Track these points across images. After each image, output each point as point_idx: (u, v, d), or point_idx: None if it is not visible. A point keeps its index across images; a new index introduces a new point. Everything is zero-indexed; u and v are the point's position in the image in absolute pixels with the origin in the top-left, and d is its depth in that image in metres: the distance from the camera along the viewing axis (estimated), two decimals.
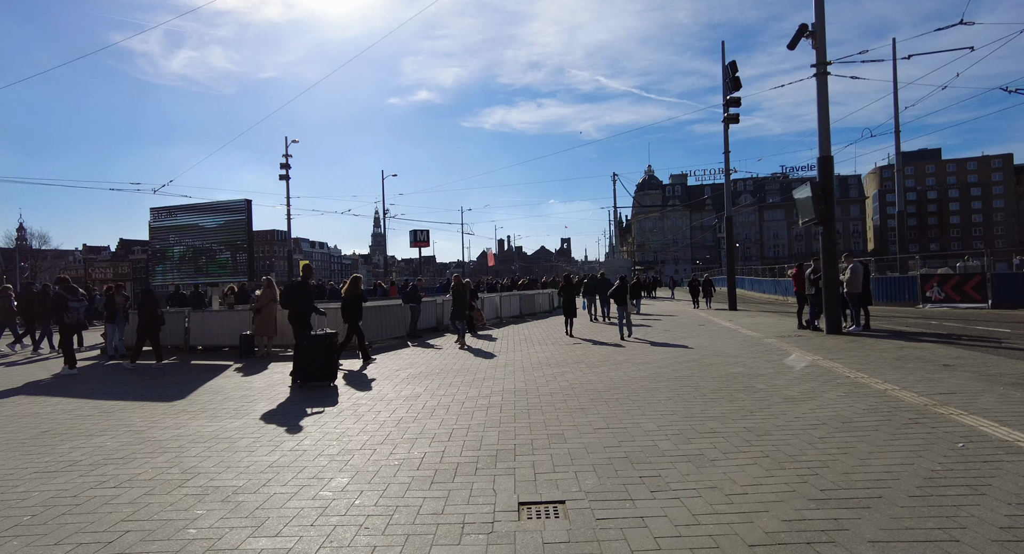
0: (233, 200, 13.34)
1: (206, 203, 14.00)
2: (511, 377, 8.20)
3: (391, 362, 10.35)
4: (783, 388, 6.69)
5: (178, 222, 13.77)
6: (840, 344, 10.49)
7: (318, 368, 7.87)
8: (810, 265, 13.29)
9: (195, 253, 13.72)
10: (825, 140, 12.04)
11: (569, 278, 16.15)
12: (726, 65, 22.76)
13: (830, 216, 11.94)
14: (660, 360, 9.44)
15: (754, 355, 9.60)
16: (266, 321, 11.70)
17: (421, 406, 6.42)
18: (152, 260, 14.21)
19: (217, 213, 13.47)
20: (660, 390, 6.87)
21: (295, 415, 6.17)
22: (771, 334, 12.75)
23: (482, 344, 12.91)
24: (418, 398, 6.90)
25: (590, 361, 9.60)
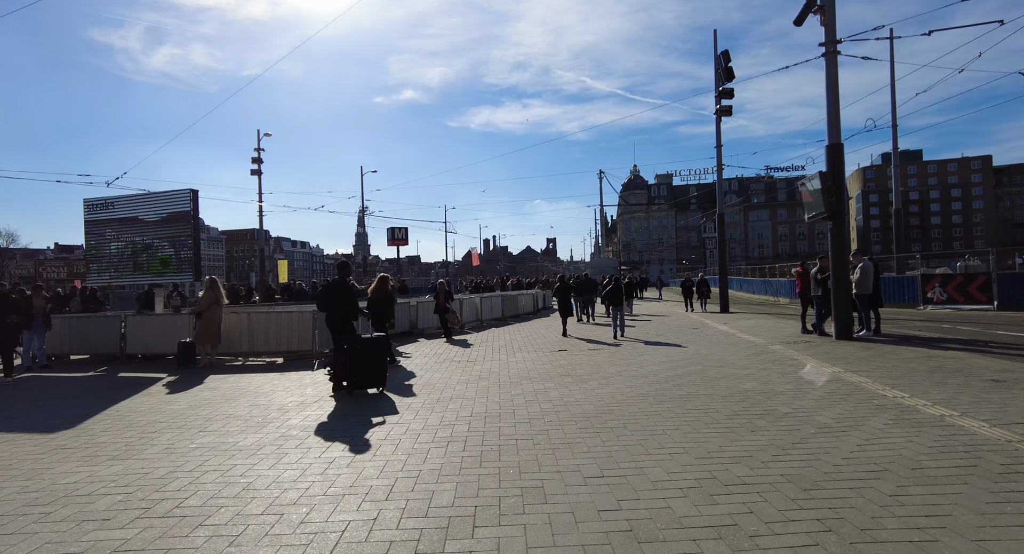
0: (176, 190, 11.86)
1: (147, 193, 12.49)
2: (483, 396, 6.91)
3: None
4: (812, 412, 5.49)
5: (115, 215, 12.24)
6: (855, 352, 9.36)
7: (369, 374, 7.24)
8: (815, 264, 12.20)
9: (134, 249, 12.20)
10: (834, 126, 10.94)
11: (564, 278, 15.90)
12: (718, 55, 21.70)
13: (841, 209, 10.84)
14: (657, 372, 8.21)
15: (763, 366, 8.42)
16: (208, 326, 10.26)
17: (364, 441, 5.10)
18: (86, 257, 12.60)
19: (159, 204, 11.98)
20: (663, 415, 5.63)
21: (170, 452, 4.82)
22: (774, 339, 11.62)
23: (455, 352, 11.59)
24: (365, 426, 5.58)
25: (578, 373, 8.35)
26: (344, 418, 5.98)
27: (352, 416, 6.05)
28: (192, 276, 11.85)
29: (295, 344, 11.31)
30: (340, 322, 7.58)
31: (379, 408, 6.41)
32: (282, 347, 11.34)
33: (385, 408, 6.38)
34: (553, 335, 14.42)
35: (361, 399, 6.97)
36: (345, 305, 7.62)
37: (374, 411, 6.24)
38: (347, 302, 7.64)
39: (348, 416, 6.07)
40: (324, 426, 5.65)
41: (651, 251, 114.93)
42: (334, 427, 5.60)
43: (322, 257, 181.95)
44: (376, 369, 7.26)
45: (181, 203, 11.76)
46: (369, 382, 7.26)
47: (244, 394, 7.54)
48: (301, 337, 11.32)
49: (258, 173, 34.97)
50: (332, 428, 5.56)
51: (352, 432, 5.36)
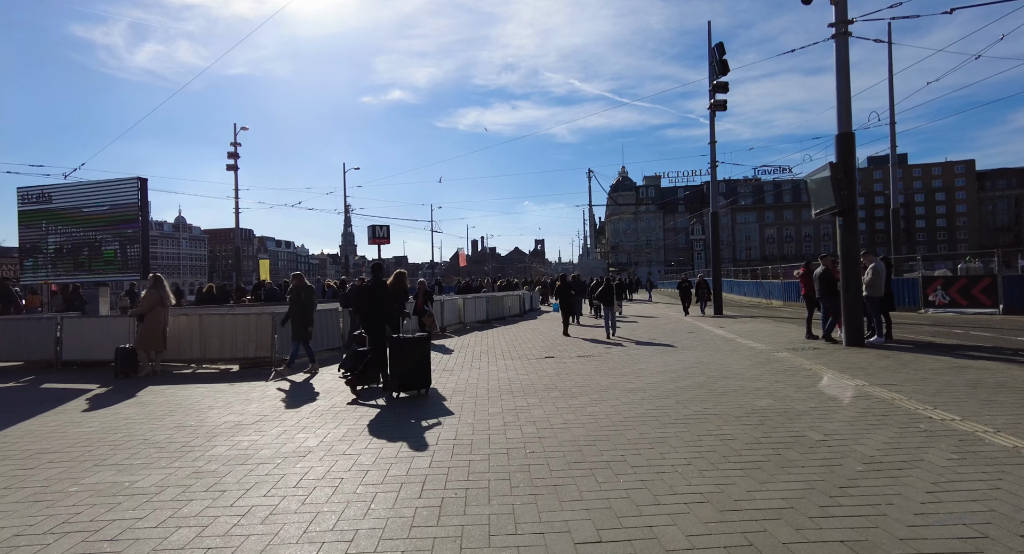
0: (123, 179, 10.66)
1: (89, 183, 11.27)
2: (455, 415, 5.87)
3: (305, 385, 7.90)
4: (849, 439, 4.52)
5: (54, 206, 11.00)
6: (873, 361, 8.47)
7: (415, 375, 7.01)
8: (818, 264, 11.31)
9: (75, 245, 10.98)
10: (845, 113, 10.06)
11: (565, 278, 15.57)
12: (712, 47, 20.92)
13: (853, 204, 9.96)
14: (656, 384, 7.23)
15: (774, 377, 7.48)
16: (151, 330, 9.11)
17: (299, 479, 4.03)
18: (20, 253, 11.35)
19: (103, 194, 10.77)
20: (669, 442, 4.63)
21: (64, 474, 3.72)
22: (779, 345, 10.72)
23: (432, 359, 10.53)
24: (306, 457, 4.51)
25: (566, 386, 7.34)
26: (279, 445, 4.91)
27: (292, 441, 4.98)
28: (140, 274, 10.65)
29: (252, 350, 10.19)
30: (380, 324, 7.39)
31: (315, 430, 5.35)
32: (238, 353, 10.21)
33: (335, 427, 5.32)
34: (539, 339, 13.42)
35: (323, 416, 5.91)
36: (387, 306, 7.48)
37: (316, 430, 5.18)
38: (389, 303, 7.53)
39: (286, 442, 5.00)
40: (246, 458, 4.58)
41: (639, 253, 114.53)
42: (262, 459, 4.52)
43: (307, 257, 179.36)
44: (421, 370, 7.05)
45: (128, 193, 10.57)
46: (414, 384, 7.04)
47: (175, 411, 6.42)
48: (259, 343, 10.19)
49: (234, 168, 33.61)
50: (259, 460, 4.48)
51: (281, 467, 4.29)
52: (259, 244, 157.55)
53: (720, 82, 20.66)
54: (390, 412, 6.14)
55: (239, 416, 6.10)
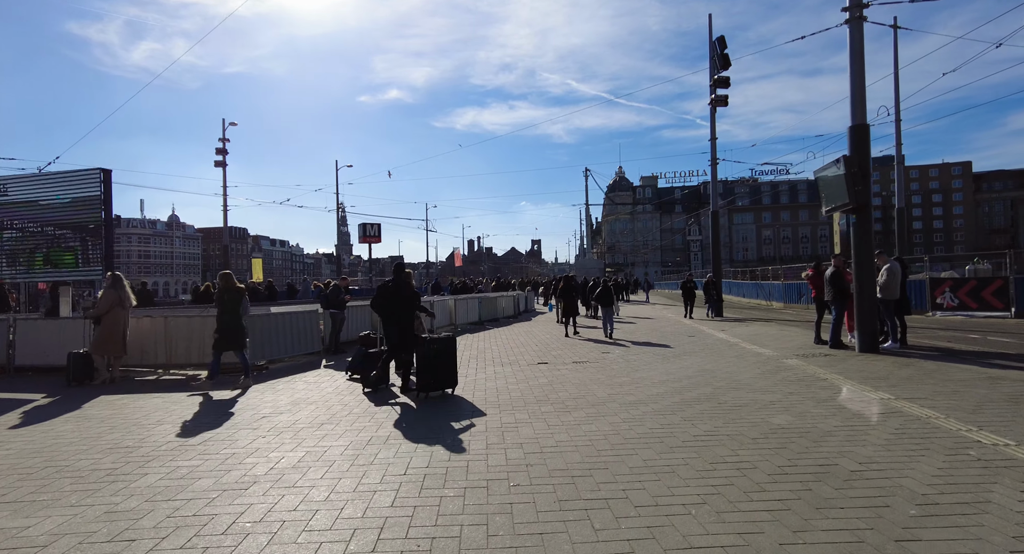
0: (85, 170, 9.90)
1: (49, 174, 10.51)
2: (430, 438, 5.16)
3: (270, 396, 7.16)
4: (891, 469, 3.84)
5: (9, 198, 10.22)
6: (893, 370, 7.79)
7: (441, 375, 6.99)
8: (829, 264, 10.65)
9: (33, 241, 10.21)
10: (859, 104, 9.40)
11: (569, 279, 15.44)
12: (713, 41, 20.30)
13: (867, 200, 9.29)
14: (658, 396, 6.53)
15: (788, 388, 6.79)
16: (109, 333, 8.36)
17: (231, 522, 3.31)
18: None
19: (64, 187, 10.00)
20: (678, 473, 3.93)
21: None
22: (786, 351, 10.05)
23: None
24: (248, 491, 3.79)
25: (559, 398, 6.63)
26: (221, 473, 4.18)
27: (238, 468, 4.26)
28: (102, 273, 9.88)
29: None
30: (406, 322, 7.43)
31: (296, 458, 4.63)
32: (207, 358, 9.42)
33: (290, 451, 4.60)
34: (533, 343, 12.72)
35: (281, 435, 5.18)
36: (412, 305, 7.49)
37: (275, 464, 4.46)
38: (414, 303, 7.52)
39: (230, 469, 4.27)
40: (178, 491, 3.85)
41: (636, 253, 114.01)
42: (196, 492, 3.80)
43: (302, 256, 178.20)
44: (449, 370, 7.05)
45: (90, 185, 9.81)
46: (443, 383, 7.01)
47: (117, 428, 5.68)
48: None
49: (222, 165, 32.78)
50: (192, 494, 3.76)
51: (215, 504, 3.57)
52: (253, 243, 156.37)
53: (721, 77, 20.04)
54: (358, 431, 5.42)
55: (188, 434, 5.37)
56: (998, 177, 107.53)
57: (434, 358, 6.91)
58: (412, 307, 7.56)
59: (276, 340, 10.12)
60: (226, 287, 8.26)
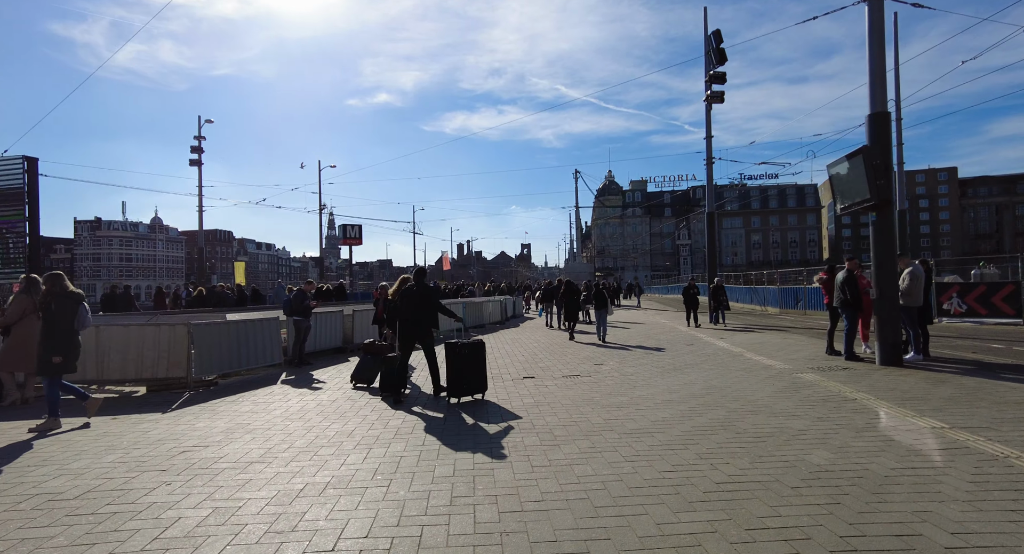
0: (4, 158, 8.68)
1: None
2: (384, 483, 4.06)
3: (204, 422, 6.01)
4: (997, 546, 2.81)
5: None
6: (928, 387, 6.82)
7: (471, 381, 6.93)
8: (842, 268, 9.71)
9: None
10: (879, 89, 8.48)
11: (572, 284, 15.60)
12: (709, 35, 19.45)
13: (889, 195, 8.35)
14: (665, 422, 5.49)
15: (812, 410, 5.79)
16: (19, 346, 7.14)
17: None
18: None
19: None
20: (706, 549, 2.88)
21: None
22: (798, 364, 9.07)
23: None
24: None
25: (547, 426, 5.56)
26: (82, 550, 3.06)
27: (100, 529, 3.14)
28: (27, 269, 8.66)
29: (163, 369, 8.27)
30: (427, 329, 7.35)
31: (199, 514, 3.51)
32: (145, 373, 8.28)
33: (205, 514, 3.50)
34: (520, 352, 11.65)
35: (194, 479, 4.06)
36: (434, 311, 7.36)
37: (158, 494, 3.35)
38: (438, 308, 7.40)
39: (89, 548, 3.14)
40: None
41: (626, 257, 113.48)
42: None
43: (288, 260, 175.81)
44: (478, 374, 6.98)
45: (11, 176, 8.59)
46: (471, 389, 6.96)
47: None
48: (172, 360, 8.28)
49: (198, 163, 31.39)
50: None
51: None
52: (239, 246, 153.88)
53: (717, 72, 19.20)
54: (289, 478, 4.31)
55: (71, 477, 4.22)
56: (983, 183, 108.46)
57: (463, 364, 6.81)
58: (434, 311, 7.35)
59: (229, 351, 8.96)
60: (53, 292, 6.28)
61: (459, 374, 6.84)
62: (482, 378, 7.03)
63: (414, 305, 7.23)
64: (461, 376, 6.85)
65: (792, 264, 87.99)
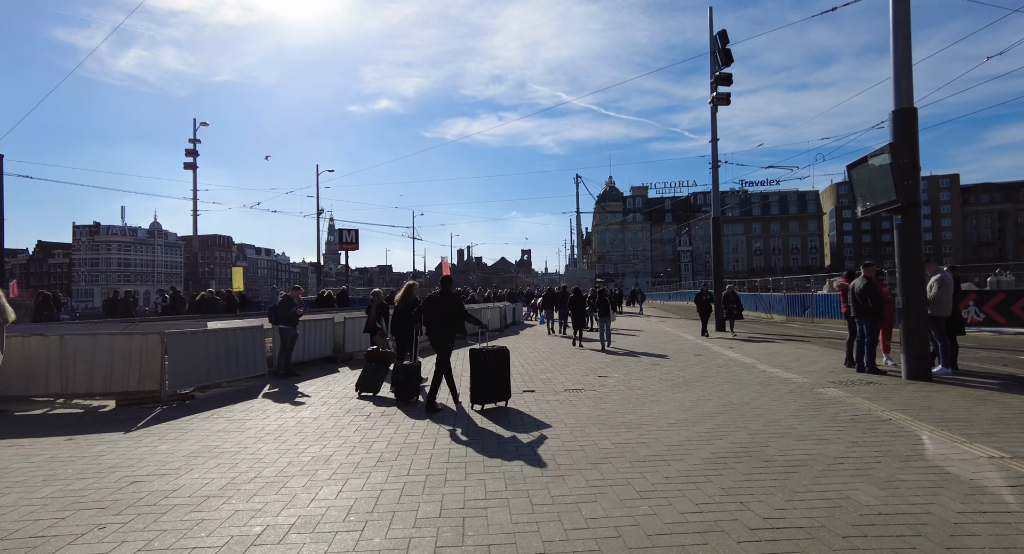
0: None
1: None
2: (352, 530, 3.45)
3: (169, 443, 5.39)
4: None
5: None
6: (968, 405, 6.21)
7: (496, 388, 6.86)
8: (858, 273, 9.12)
9: None
10: (905, 82, 7.93)
11: (579, 291, 15.59)
12: (714, 35, 18.95)
13: (916, 197, 7.77)
14: (680, 446, 4.88)
15: (845, 433, 5.18)
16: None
17: None
18: None
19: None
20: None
21: None
22: (817, 377, 8.47)
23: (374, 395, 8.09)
24: None
25: (550, 452, 4.95)
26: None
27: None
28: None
29: (134, 381, 7.66)
30: (450, 337, 7.18)
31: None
32: (114, 386, 7.67)
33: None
34: (519, 362, 11.03)
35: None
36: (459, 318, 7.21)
37: None
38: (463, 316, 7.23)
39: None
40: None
41: (626, 263, 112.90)
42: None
43: (288, 265, 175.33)
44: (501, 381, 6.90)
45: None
46: (495, 396, 6.88)
47: None
48: (144, 372, 7.68)
49: (193, 167, 30.88)
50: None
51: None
52: (238, 251, 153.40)
53: (723, 74, 18.68)
54: (246, 521, 3.70)
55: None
56: (985, 190, 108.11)
57: (487, 370, 6.75)
58: (459, 319, 7.21)
59: (207, 362, 8.36)
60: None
61: (484, 381, 6.77)
62: (506, 385, 6.94)
63: (440, 312, 7.13)
64: (486, 383, 6.78)
65: (795, 270, 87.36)
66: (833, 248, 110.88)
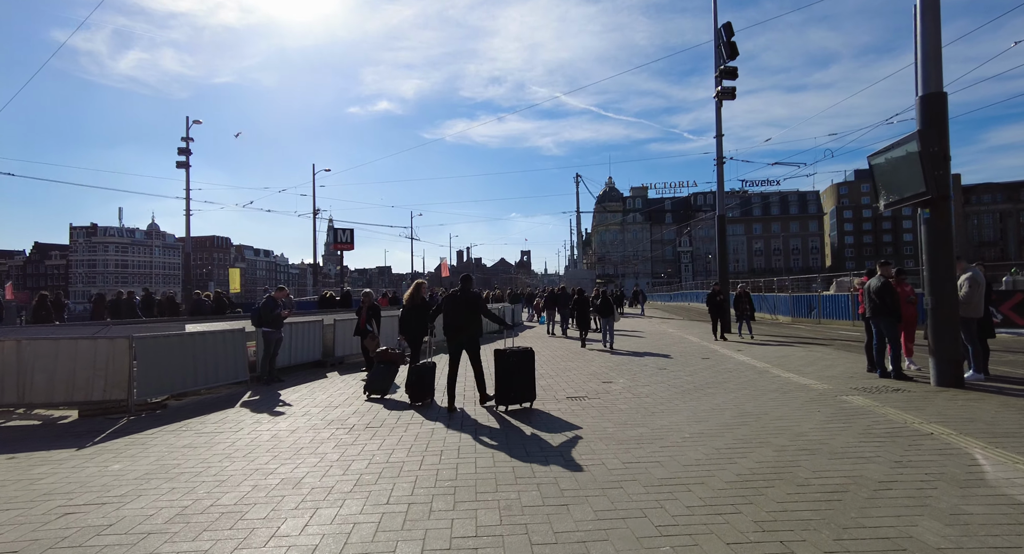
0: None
1: None
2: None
3: (124, 462, 4.78)
4: None
5: None
6: (1015, 417, 5.62)
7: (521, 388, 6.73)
8: (875, 271, 8.54)
9: None
10: (933, 65, 7.34)
11: (583, 292, 15.32)
12: (719, 28, 18.41)
13: (947, 189, 7.19)
14: (700, 467, 4.28)
15: (886, 451, 4.58)
16: None
17: None
18: None
19: None
20: None
21: None
22: (838, 383, 7.87)
23: (360, 405, 7.49)
24: None
25: (548, 476, 4.35)
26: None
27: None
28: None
29: (99, 390, 7.06)
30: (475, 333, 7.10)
31: None
32: (78, 395, 7.06)
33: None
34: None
35: None
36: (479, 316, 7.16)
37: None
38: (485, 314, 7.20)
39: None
40: None
41: (626, 264, 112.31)
42: None
43: (287, 266, 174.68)
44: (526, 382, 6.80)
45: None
46: (521, 397, 6.79)
47: None
48: (110, 379, 7.08)
49: (186, 165, 30.26)
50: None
51: None
52: (236, 253, 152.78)
53: (728, 67, 18.14)
54: (239, 528, 3.10)
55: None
56: (987, 190, 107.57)
57: (512, 371, 6.69)
58: (479, 318, 7.12)
59: (183, 368, 7.76)
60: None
61: (508, 382, 6.69)
62: (531, 386, 6.84)
63: (461, 311, 7.03)
64: (510, 384, 6.69)
65: (796, 271, 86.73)
66: (834, 248, 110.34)
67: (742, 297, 15.60)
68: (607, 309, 14.17)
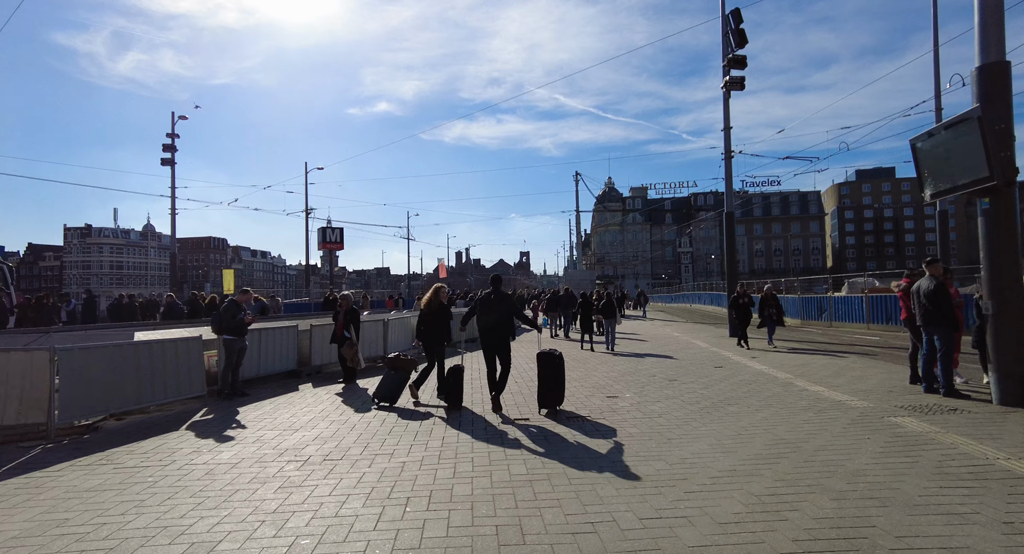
0: None
1: None
2: None
3: (17, 513, 3.74)
4: None
5: None
6: None
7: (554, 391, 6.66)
8: (921, 272, 7.50)
9: None
10: (994, 32, 6.29)
11: (587, 296, 15.34)
12: (727, 14, 17.35)
13: (1013, 173, 6.12)
14: (739, 525, 3.23)
15: (986, 502, 3.54)
16: None
17: None
18: None
19: None
20: None
21: None
22: (877, 399, 6.82)
23: (329, 425, 6.41)
24: None
25: (541, 544, 3.29)
26: None
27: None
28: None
29: (11, 413, 5.98)
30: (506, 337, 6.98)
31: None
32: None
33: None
34: (515, 374, 9.34)
35: None
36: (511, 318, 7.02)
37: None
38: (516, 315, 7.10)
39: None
40: None
41: (626, 265, 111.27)
42: None
43: (284, 267, 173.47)
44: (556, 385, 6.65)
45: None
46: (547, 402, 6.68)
47: None
48: (25, 399, 6.00)
49: (171, 162, 29.19)
50: None
51: None
52: (233, 253, 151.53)
53: (736, 56, 17.04)
54: None
55: None
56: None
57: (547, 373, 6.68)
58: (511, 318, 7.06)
59: (124, 383, 6.69)
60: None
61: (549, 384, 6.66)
62: (560, 391, 6.71)
63: (496, 313, 6.96)
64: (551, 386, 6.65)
65: (797, 272, 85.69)
66: (835, 249, 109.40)
67: (768, 299, 13.79)
68: (610, 311, 14.13)
